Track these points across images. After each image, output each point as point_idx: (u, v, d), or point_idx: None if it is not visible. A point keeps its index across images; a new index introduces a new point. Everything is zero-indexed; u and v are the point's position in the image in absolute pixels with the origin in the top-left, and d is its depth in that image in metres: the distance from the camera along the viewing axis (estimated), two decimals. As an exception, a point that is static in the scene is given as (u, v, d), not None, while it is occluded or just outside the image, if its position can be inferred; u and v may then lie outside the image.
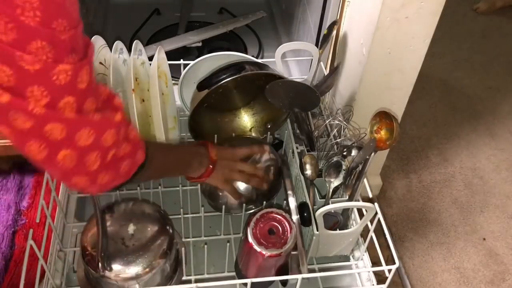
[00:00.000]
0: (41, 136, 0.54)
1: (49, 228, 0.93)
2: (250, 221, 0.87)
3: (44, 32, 0.49)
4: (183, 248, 0.95)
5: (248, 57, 1.13)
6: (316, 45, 1.28)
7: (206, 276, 0.95)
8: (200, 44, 1.58)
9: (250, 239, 0.85)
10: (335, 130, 1.09)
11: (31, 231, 0.84)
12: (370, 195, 0.99)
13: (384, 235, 0.92)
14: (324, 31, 1.25)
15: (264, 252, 0.84)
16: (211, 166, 0.90)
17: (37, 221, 0.99)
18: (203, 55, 1.09)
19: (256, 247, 0.84)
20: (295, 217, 0.92)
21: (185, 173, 0.90)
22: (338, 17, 1.27)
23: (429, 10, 1.08)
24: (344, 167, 0.98)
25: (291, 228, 0.87)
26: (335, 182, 0.99)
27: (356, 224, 0.96)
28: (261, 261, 0.86)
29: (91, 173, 0.61)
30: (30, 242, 0.82)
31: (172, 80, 1.17)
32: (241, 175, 0.97)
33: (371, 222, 0.94)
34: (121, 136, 0.63)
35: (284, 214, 0.88)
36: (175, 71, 1.19)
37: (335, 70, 1.12)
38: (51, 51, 0.50)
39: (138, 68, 1.05)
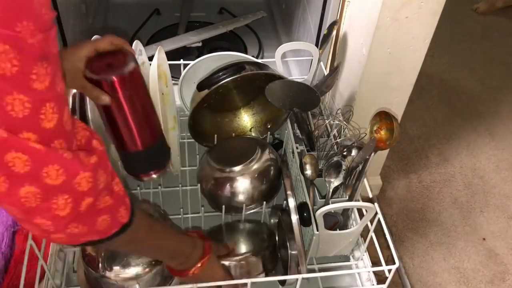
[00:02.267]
0: (1, 166, 0.46)
1: (49, 228, 0.93)
2: (86, 63, 0.74)
3: (6, 35, 0.41)
4: None
5: (248, 57, 1.13)
6: (316, 45, 1.28)
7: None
8: (200, 44, 1.59)
9: (88, 74, 0.72)
10: (335, 130, 1.09)
11: (31, 231, 0.84)
12: (370, 195, 0.99)
13: (384, 235, 0.92)
14: (324, 31, 1.25)
15: (104, 78, 0.72)
16: (199, 265, 0.78)
17: (37, 221, 0.99)
18: (203, 55, 1.09)
19: (95, 77, 0.72)
20: (294, 217, 0.92)
21: (171, 258, 0.77)
22: (338, 17, 1.27)
23: (429, 10, 1.08)
24: (344, 167, 0.98)
25: (126, 55, 0.76)
26: (335, 182, 0.99)
27: (356, 224, 0.96)
28: (111, 94, 0.73)
29: (58, 218, 0.51)
30: (30, 242, 0.82)
31: (172, 80, 1.17)
32: None
33: (371, 222, 0.94)
34: (101, 185, 0.54)
35: (120, 50, 0.78)
36: (175, 71, 1.19)
37: (335, 70, 1.12)
38: (16, 57, 0.42)
39: (138, 68, 1.05)
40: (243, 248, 0.96)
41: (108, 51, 0.77)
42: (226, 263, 0.90)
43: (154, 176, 0.85)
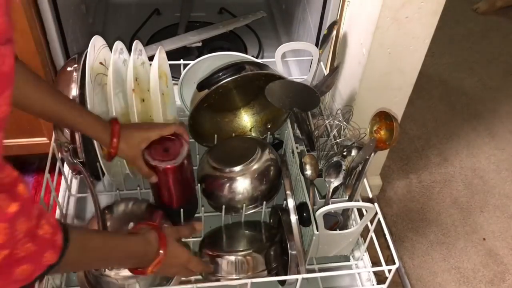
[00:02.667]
0: None
1: (49, 228, 0.93)
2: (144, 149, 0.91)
3: None
4: None
5: (248, 57, 1.13)
6: (316, 45, 1.28)
7: (206, 276, 0.95)
8: (200, 44, 1.58)
9: (146, 157, 0.89)
10: (335, 130, 1.09)
11: (31, 231, 0.84)
12: (370, 195, 0.99)
13: (384, 235, 0.92)
14: (324, 31, 1.25)
15: (159, 165, 0.89)
16: (157, 261, 0.74)
17: (37, 221, 0.99)
18: (203, 55, 1.09)
19: (152, 162, 0.89)
20: (294, 217, 0.92)
21: (123, 263, 0.75)
22: (338, 17, 1.27)
23: (429, 10, 1.08)
24: (344, 167, 0.98)
25: (182, 144, 0.92)
26: (335, 182, 0.99)
27: (356, 224, 0.96)
28: (161, 175, 0.91)
29: None
30: (30, 242, 0.81)
31: (172, 80, 1.17)
32: (188, 274, 0.85)
33: (371, 222, 0.94)
34: (20, 234, 0.48)
35: (177, 135, 0.93)
36: (175, 71, 1.19)
37: (335, 70, 1.12)
38: None
39: (138, 68, 1.05)
40: (245, 245, 0.96)
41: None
42: (232, 258, 0.90)
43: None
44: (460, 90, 2.04)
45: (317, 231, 0.91)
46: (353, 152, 1.00)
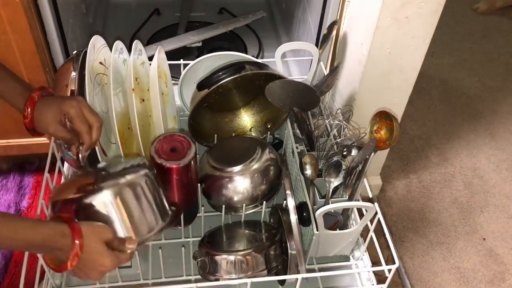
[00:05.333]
0: None
1: (49, 228, 0.93)
2: (154, 141, 0.93)
3: None
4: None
5: (248, 57, 1.13)
6: (316, 45, 1.28)
7: (206, 276, 0.95)
8: (200, 44, 1.59)
9: (153, 154, 0.91)
10: (335, 130, 1.09)
11: (31, 231, 0.84)
12: (370, 195, 0.99)
13: (384, 235, 0.92)
14: (324, 31, 1.25)
15: (164, 164, 0.90)
16: (75, 252, 0.68)
17: (37, 221, 0.99)
18: (203, 55, 1.10)
19: (157, 160, 0.90)
20: (293, 217, 0.92)
21: (36, 250, 0.73)
22: (338, 17, 1.27)
23: (429, 10, 1.08)
24: (344, 167, 0.98)
25: (190, 145, 0.93)
26: (335, 182, 0.99)
27: (356, 224, 0.96)
28: (167, 175, 0.92)
29: None
30: (30, 242, 0.81)
31: (172, 80, 1.17)
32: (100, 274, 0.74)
33: (371, 222, 0.94)
34: None
35: (185, 135, 0.95)
36: (175, 71, 1.19)
37: (335, 70, 1.12)
38: None
39: (138, 68, 1.05)
40: (245, 245, 0.96)
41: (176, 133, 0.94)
42: (231, 258, 0.90)
43: (179, 227, 1.01)
44: (460, 90, 2.04)
45: (317, 231, 0.91)
46: (353, 152, 1.00)
